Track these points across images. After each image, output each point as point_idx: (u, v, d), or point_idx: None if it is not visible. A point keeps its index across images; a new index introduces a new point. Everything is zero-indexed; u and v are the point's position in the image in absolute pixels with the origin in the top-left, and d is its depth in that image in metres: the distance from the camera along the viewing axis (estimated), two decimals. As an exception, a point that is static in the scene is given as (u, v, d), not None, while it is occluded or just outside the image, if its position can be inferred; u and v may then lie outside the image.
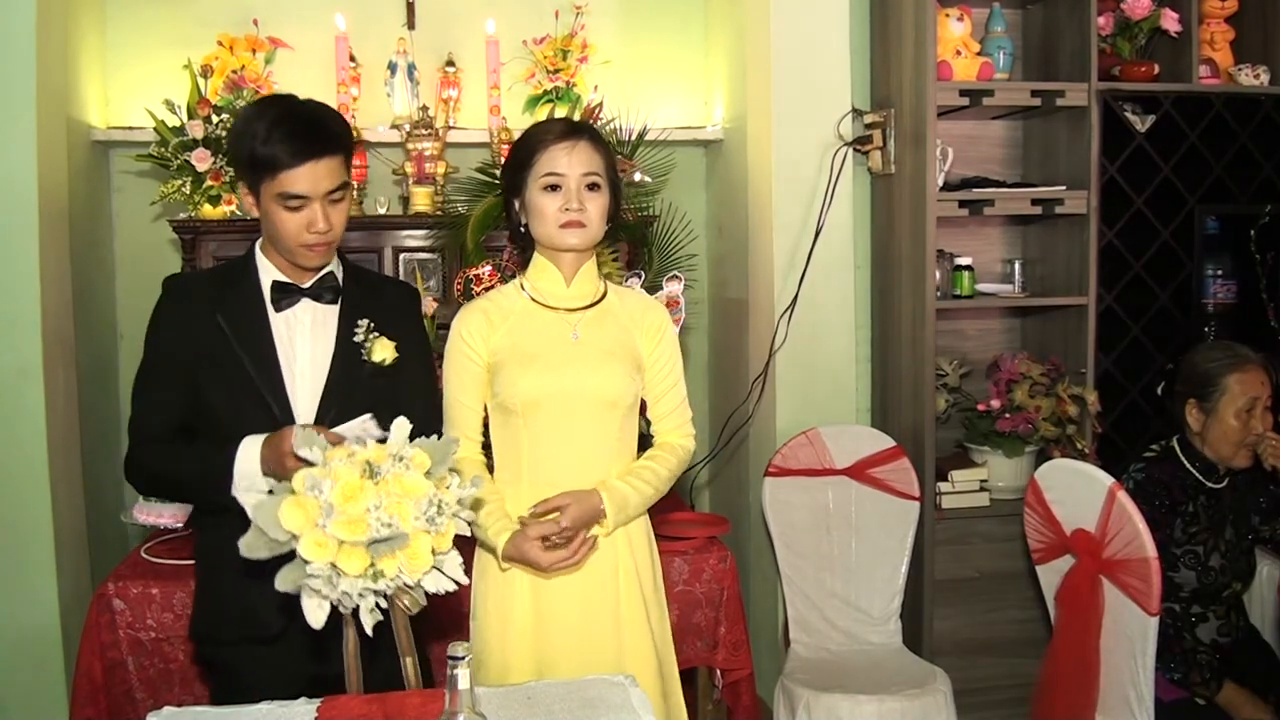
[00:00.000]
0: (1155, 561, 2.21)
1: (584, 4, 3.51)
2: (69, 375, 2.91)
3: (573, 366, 1.95)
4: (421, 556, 1.43)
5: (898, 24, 3.16)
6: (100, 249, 3.31)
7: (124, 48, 3.37)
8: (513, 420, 1.96)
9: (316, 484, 1.42)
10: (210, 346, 1.89)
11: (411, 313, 2.07)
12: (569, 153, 1.94)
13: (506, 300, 2.01)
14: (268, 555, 1.44)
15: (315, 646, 1.85)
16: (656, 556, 2.11)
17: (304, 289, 1.94)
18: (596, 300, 2.03)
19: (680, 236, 3.16)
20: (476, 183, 3.09)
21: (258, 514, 1.42)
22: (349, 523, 1.40)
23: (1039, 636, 2.93)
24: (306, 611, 1.45)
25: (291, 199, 1.82)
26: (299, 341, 1.93)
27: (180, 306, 1.93)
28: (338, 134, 1.86)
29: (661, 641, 2.06)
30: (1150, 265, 3.24)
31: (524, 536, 1.89)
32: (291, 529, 1.41)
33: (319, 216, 1.83)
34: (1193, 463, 2.52)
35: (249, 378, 1.89)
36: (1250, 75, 3.28)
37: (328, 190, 1.84)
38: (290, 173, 1.80)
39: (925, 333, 3.06)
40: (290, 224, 1.84)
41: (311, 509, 1.41)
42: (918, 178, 3.07)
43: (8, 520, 2.73)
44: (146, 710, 1.82)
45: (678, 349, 2.11)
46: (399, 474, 1.44)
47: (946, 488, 3.11)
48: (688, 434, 2.12)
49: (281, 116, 1.83)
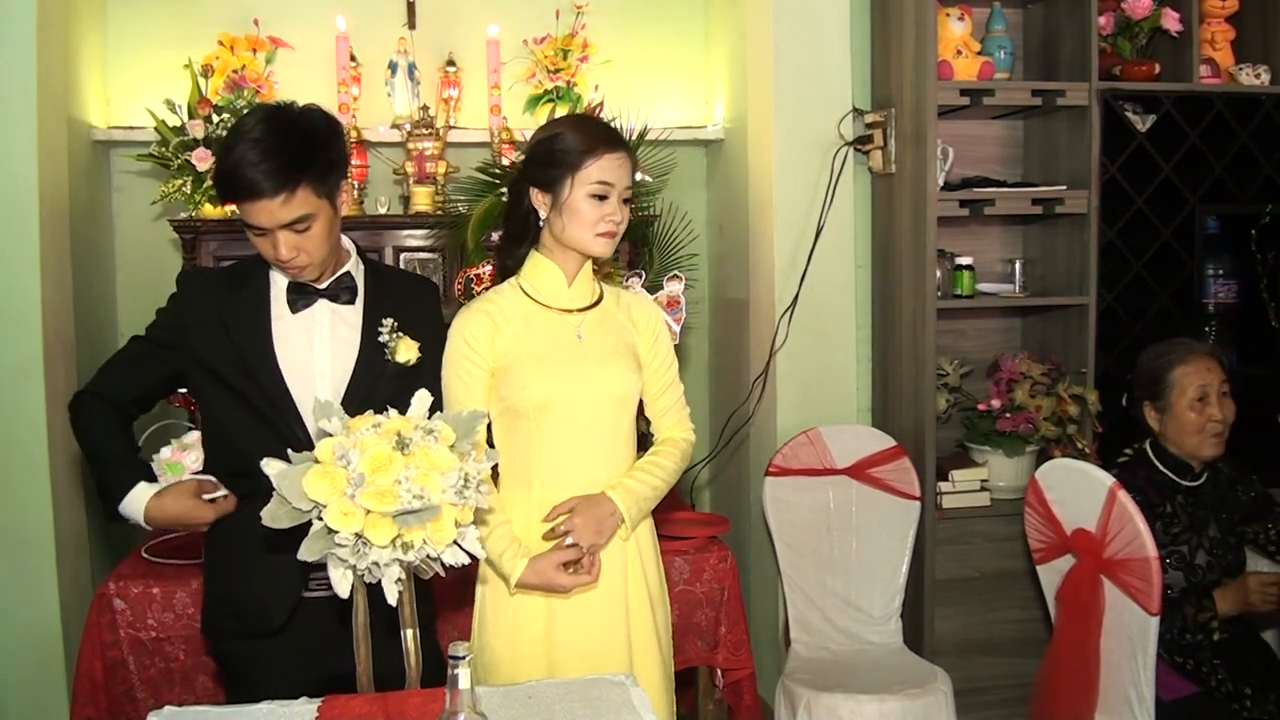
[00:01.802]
0: (1156, 561, 2.21)
1: (584, 4, 3.51)
2: (69, 374, 2.91)
3: (582, 367, 1.95)
4: (447, 529, 1.43)
5: (898, 23, 3.15)
6: (100, 249, 3.31)
7: (124, 47, 3.37)
8: (522, 424, 1.94)
9: (345, 453, 1.42)
10: (210, 342, 1.91)
11: (432, 310, 2.07)
12: (621, 165, 1.94)
13: (507, 302, 1.99)
14: (289, 524, 1.44)
15: (324, 642, 1.86)
16: (659, 555, 2.11)
17: (320, 290, 1.94)
18: (596, 301, 2.03)
19: (681, 236, 3.16)
20: (477, 182, 3.09)
21: (282, 482, 1.43)
22: (379, 494, 1.40)
23: (1039, 636, 2.93)
24: (333, 580, 1.45)
25: (252, 229, 1.84)
26: (317, 342, 1.94)
27: (188, 300, 1.95)
28: (295, 167, 1.80)
29: (665, 641, 2.07)
30: (1151, 265, 3.24)
31: (547, 561, 1.88)
32: (316, 498, 1.41)
33: (280, 245, 1.83)
34: (1165, 463, 2.53)
35: (250, 381, 1.89)
36: (1251, 75, 3.28)
37: (286, 223, 1.82)
38: (245, 206, 1.81)
39: (926, 332, 3.06)
40: (262, 246, 1.86)
41: (339, 479, 1.41)
42: (918, 177, 3.06)
43: (8, 520, 2.73)
44: (147, 710, 1.83)
45: (672, 346, 2.13)
46: (427, 447, 1.44)
47: (947, 487, 3.11)
48: (688, 428, 2.13)
49: (239, 150, 1.80)
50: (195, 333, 1.92)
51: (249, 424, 1.89)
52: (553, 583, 1.88)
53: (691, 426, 2.14)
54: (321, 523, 1.42)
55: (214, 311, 1.92)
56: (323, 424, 1.47)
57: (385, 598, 1.47)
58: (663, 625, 2.06)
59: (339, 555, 1.43)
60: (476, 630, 2.01)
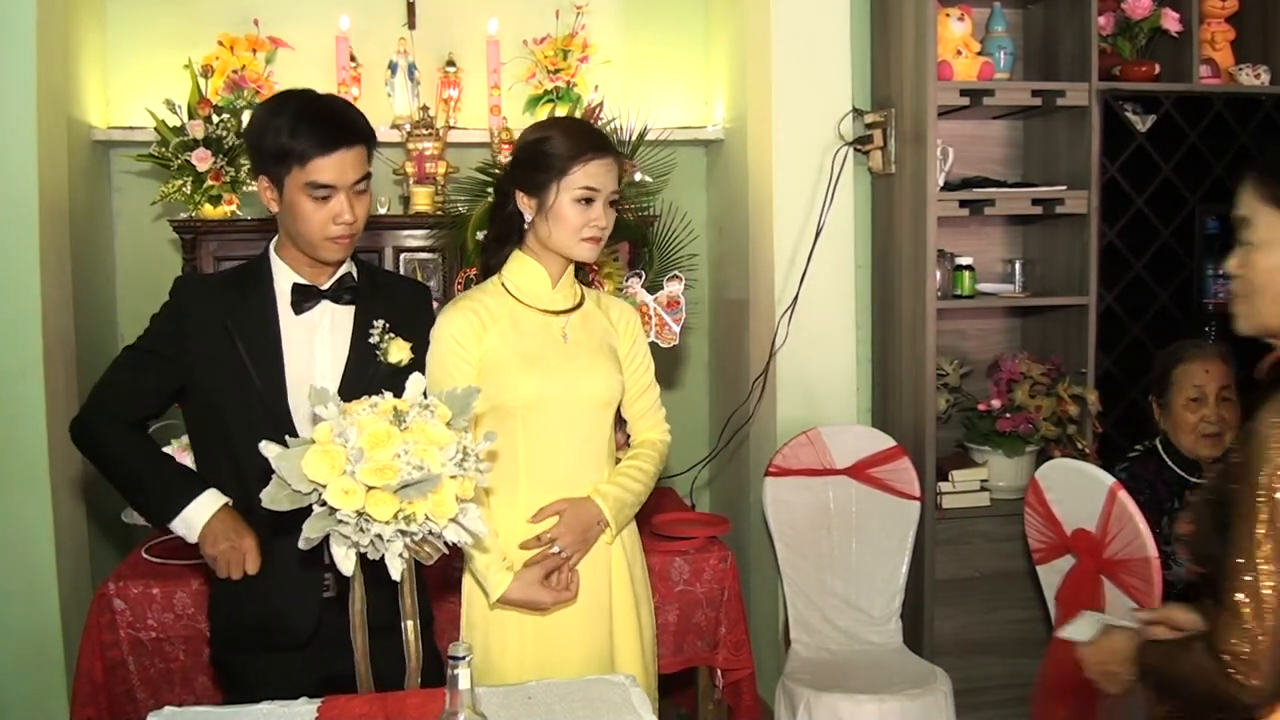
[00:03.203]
0: (1156, 561, 2.21)
1: (584, 4, 3.51)
2: (69, 375, 2.91)
3: (569, 368, 1.96)
4: (448, 501, 1.44)
5: (898, 24, 3.15)
6: (100, 249, 3.31)
7: (124, 47, 3.37)
8: (509, 423, 1.94)
9: (343, 431, 1.43)
10: (214, 349, 1.88)
11: (424, 312, 2.05)
12: (608, 170, 1.94)
13: (493, 300, 1.98)
14: (289, 507, 1.44)
15: (323, 643, 1.86)
16: (644, 557, 2.13)
17: (323, 291, 1.93)
18: (579, 303, 2.04)
19: (681, 236, 3.16)
20: (477, 183, 3.08)
21: (280, 465, 1.43)
22: (378, 469, 1.40)
23: (1039, 636, 2.93)
24: (336, 558, 1.46)
25: (319, 189, 1.82)
26: (318, 344, 1.93)
27: (187, 307, 1.92)
28: (361, 125, 1.88)
29: (649, 643, 2.08)
30: (1151, 265, 3.24)
31: (531, 575, 1.90)
32: (316, 479, 1.41)
33: (345, 207, 1.84)
34: (1174, 460, 2.55)
35: (253, 384, 1.88)
36: (1251, 75, 3.28)
37: (354, 180, 1.85)
38: (318, 161, 1.81)
39: (926, 332, 3.06)
40: (316, 216, 1.84)
41: (337, 457, 1.41)
42: (918, 177, 3.06)
43: (9, 520, 2.73)
44: (147, 710, 1.82)
45: (648, 346, 2.15)
46: (424, 422, 1.45)
47: (947, 487, 3.11)
48: (665, 429, 2.16)
49: (307, 107, 1.85)
50: (197, 340, 1.89)
51: (247, 426, 1.84)
52: (535, 600, 1.90)
53: (667, 427, 2.16)
54: (324, 506, 1.42)
55: (218, 316, 1.90)
56: (319, 409, 1.47)
57: (382, 597, 1.47)
58: (646, 626, 2.07)
59: (342, 533, 1.43)
60: (464, 630, 2.02)
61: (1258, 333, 1.45)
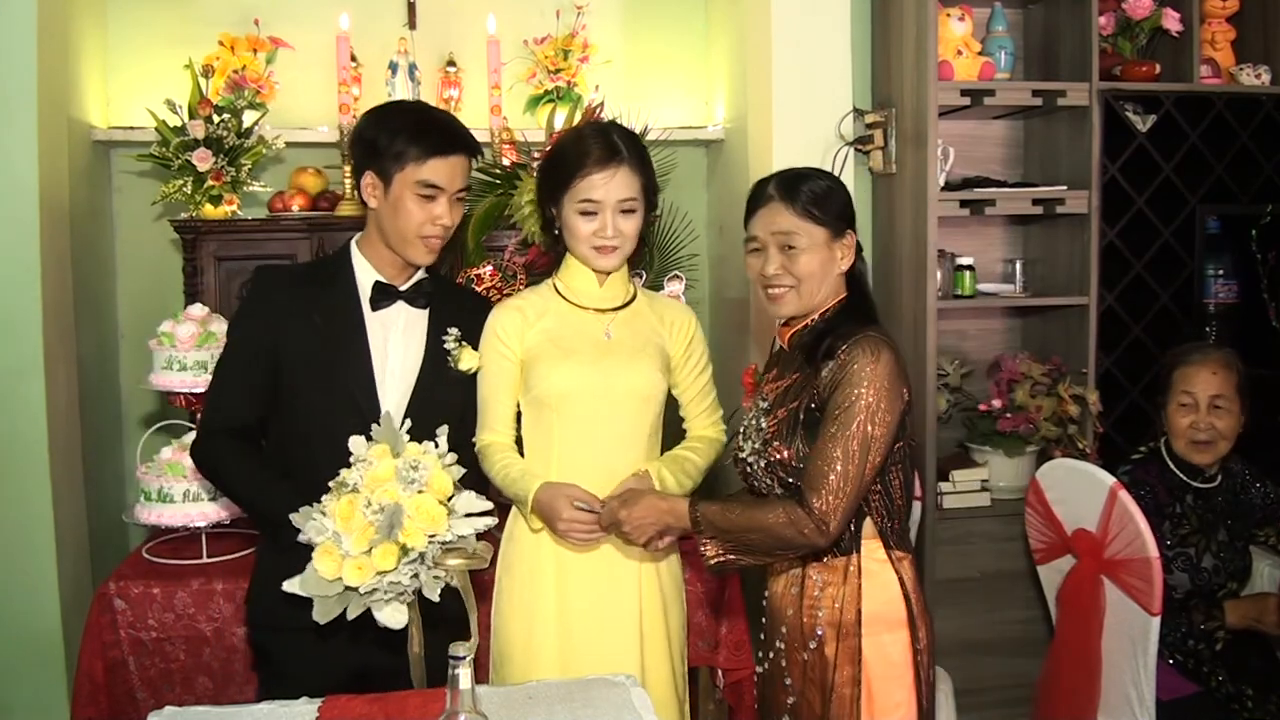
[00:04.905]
0: (1157, 561, 2.21)
1: (585, 4, 3.51)
2: (70, 374, 2.91)
3: (606, 362, 2.00)
4: (430, 512, 1.54)
5: (899, 24, 3.15)
6: (100, 249, 3.31)
7: (125, 47, 3.37)
8: (545, 414, 2.00)
9: (322, 528, 1.56)
10: (299, 342, 1.93)
11: (484, 324, 2.12)
12: (608, 180, 1.95)
13: (540, 299, 2.06)
14: (340, 609, 1.57)
15: (360, 634, 1.87)
16: (678, 556, 2.14)
17: (401, 291, 1.99)
18: (628, 301, 2.08)
19: (681, 236, 3.16)
20: (477, 183, 3.08)
21: (306, 587, 1.57)
22: (359, 534, 1.53)
23: (1040, 636, 2.93)
24: (384, 621, 1.60)
25: (429, 188, 1.90)
26: (392, 343, 1.98)
27: (270, 298, 1.97)
28: (473, 140, 1.98)
29: (678, 643, 2.10)
30: (1151, 265, 3.24)
31: (564, 489, 1.92)
32: (332, 576, 1.54)
33: (445, 210, 1.93)
34: (1176, 463, 2.52)
35: (339, 376, 1.93)
36: (1251, 75, 3.28)
37: (459, 187, 1.94)
38: (434, 162, 1.90)
39: (926, 332, 3.05)
40: (418, 214, 1.91)
41: (334, 551, 1.55)
42: (919, 177, 3.06)
43: (9, 520, 2.73)
44: (148, 710, 1.82)
45: (707, 348, 2.18)
46: (367, 473, 1.57)
47: (947, 487, 3.10)
48: (721, 428, 2.19)
49: (427, 113, 2.00)
50: (282, 325, 1.93)
51: (324, 412, 1.91)
52: (554, 509, 1.90)
53: (724, 425, 2.20)
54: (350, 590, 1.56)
55: (303, 305, 1.94)
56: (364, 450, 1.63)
57: None
58: (675, 627, 2.09)
59: (375, 600, 1.57)
60: (494, 620, 2.06)
61: (802, 312, 1.91)
